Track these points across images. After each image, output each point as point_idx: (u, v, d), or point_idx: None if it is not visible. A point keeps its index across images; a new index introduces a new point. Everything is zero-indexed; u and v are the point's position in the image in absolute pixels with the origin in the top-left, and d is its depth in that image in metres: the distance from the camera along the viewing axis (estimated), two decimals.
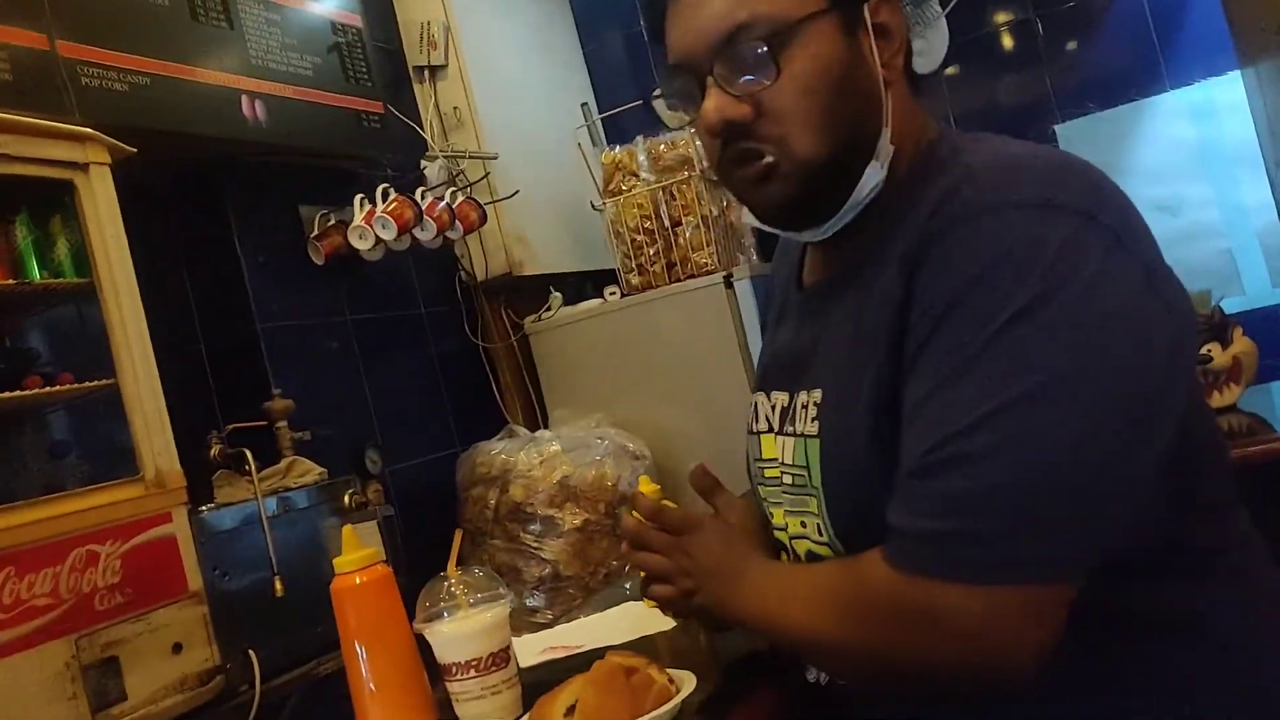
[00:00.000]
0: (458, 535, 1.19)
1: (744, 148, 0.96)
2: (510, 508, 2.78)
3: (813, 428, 0.99)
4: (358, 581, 1.21)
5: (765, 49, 0.91)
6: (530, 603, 2.73)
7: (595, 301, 3.23)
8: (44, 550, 1.66)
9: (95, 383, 1.90)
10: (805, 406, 1.01)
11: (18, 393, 1.80)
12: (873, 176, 0.96)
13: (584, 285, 3.47)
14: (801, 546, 1.05)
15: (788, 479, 1.05)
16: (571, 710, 1.03)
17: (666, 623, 1.33)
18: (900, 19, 0.97)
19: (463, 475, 2.91)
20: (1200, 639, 0.88)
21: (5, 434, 2.03)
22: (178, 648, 1.85)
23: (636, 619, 1.53)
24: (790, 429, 1.04)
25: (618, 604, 1.72)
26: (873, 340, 0.91)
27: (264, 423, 2.37)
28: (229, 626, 1.97)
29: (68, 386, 1.88)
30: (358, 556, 1.22)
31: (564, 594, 2.73)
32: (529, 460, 2.82)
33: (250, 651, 2.00)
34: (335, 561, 1.22)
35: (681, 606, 1.12)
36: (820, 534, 1.00)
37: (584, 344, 3.17)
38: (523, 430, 3.02)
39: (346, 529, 1.23)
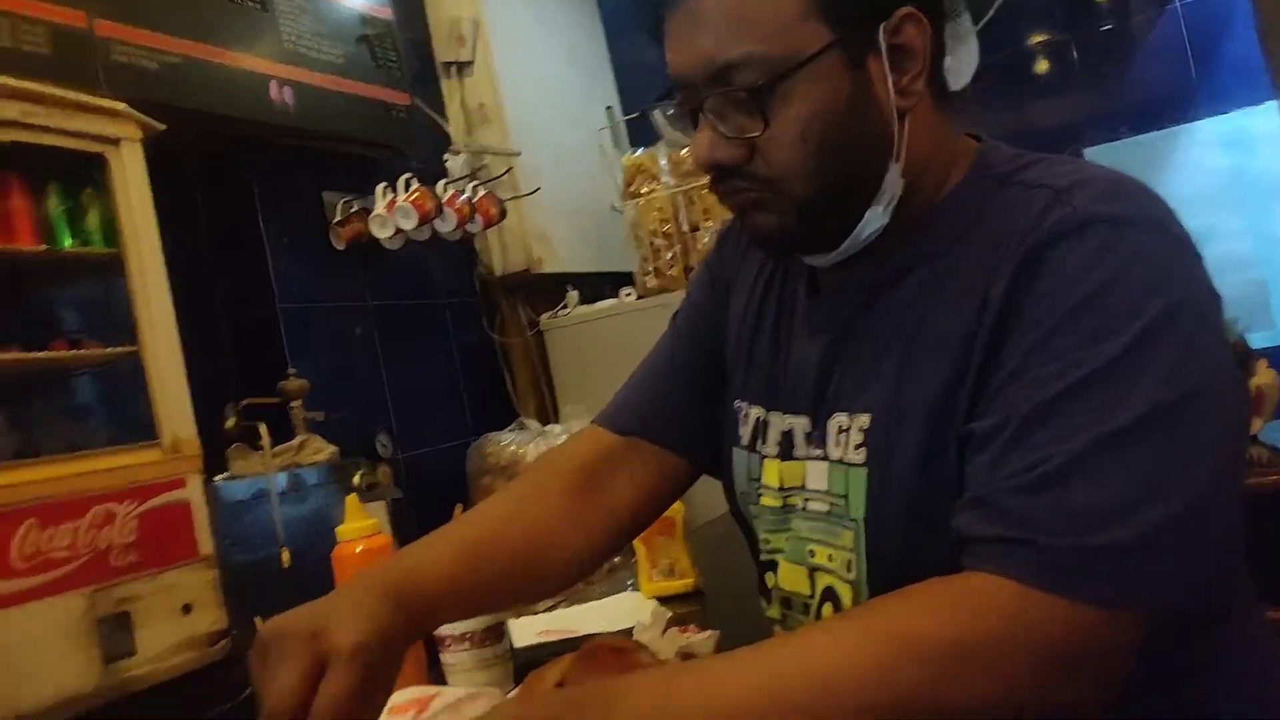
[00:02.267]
0: (458, 510, 1.22)
1: (734, 185, 0.89)
2: None
3: (857, 455, 0.89)
4: (358, 550, 1.25)
5: (756, 94, 0.83)
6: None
7: (611, 301, 3.27)
8: (65, 506, 1.72)
9: (118, 349, 1.96)
10: (845, 431, 0.91)
11: (44, 354, 1.86)
12: (873, 220, 0.90)
13: (601, 285, 3.52)
14: (823, 581, 0.93)
15: (818, 506, 0.94)
16: (561, 685, 1.04)
17: (661, 612, 1.33)
18: (925, 36, 0.87)
19: (473, 464, 2.97)
20: (1214, 673, 0.85)
21: (32, 395, 2.10)
22: (187, 609, 1.91)
23: (633, 607, 1.56)
24: (818, 453, 0.94)
25: (616, 594, 1.75)
26: (940, 357, 0.83)
27: (277, 400, 2.42)
28: (237, 593, 2.03)
29: (91, 351, 1.94)
30: (360, 525, 1.26)
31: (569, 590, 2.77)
32: (538, 452, 2.87)
33: (256, 619, 2.05)
34: (337, 530, 1.27)
35: None
36: (849, 570, 0.90)
37: (598, 343, 3.22)
38: (533, 424, 3.07)
39: (350, 498, 1.28)
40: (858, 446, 0.89)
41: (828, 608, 0.92)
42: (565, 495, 1.04)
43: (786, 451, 0.98)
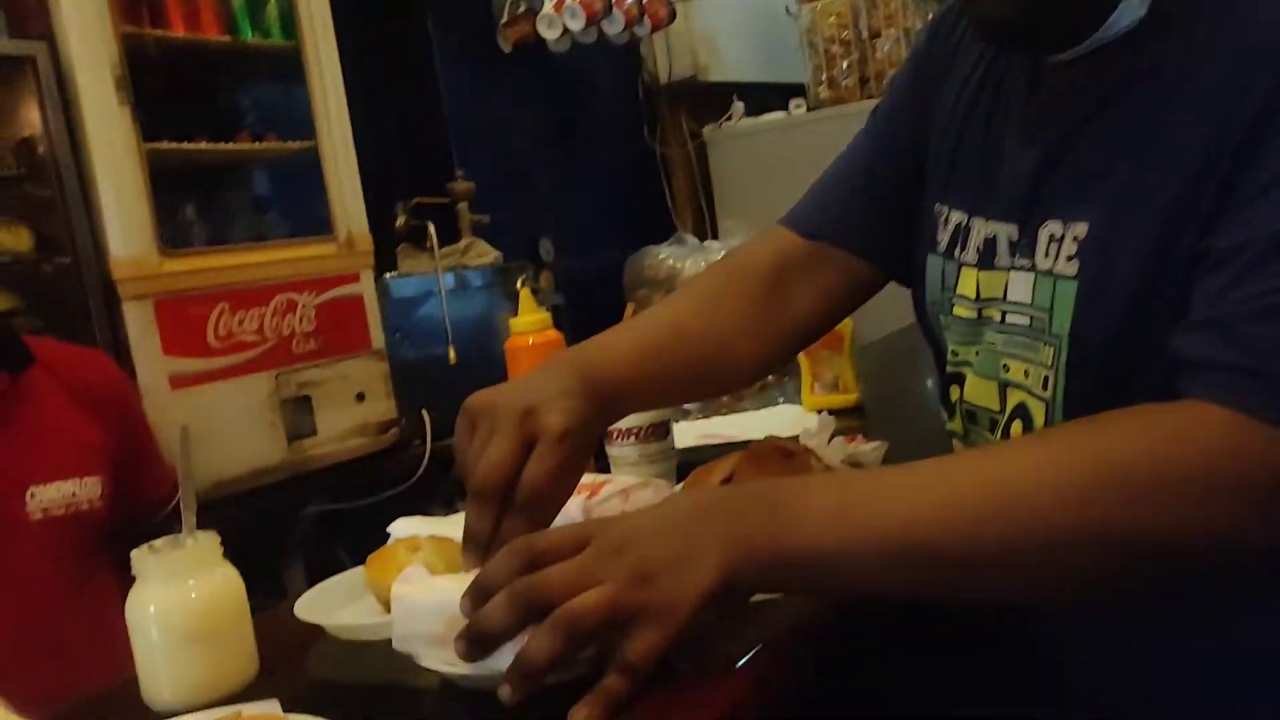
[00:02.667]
0: (630, 308, 1.22)
1: None
2: None
3: (1068, 267, 0.83)
4: (530, 342, 1.27)
5: None
6: (686, 406, 2.81)
7: (779, 114, 3.15)
8: (251, 292, 1.82)
9: (298, 143, 2.01)
10: (1057, 240, 0.85)
11: (230, 145, 1.93)
12: (1128, 12, 0.81)
13: (768, 96, 3.38)
14: (1015, 397, 0.89)
15: (1018, 319, 0.89)
16: (728, 482, 1.03)
17: (828, 420, 1.30)
18: None
19: (630, 276, 2.97)
20: None
21: (217, 187, 2.19)
22: (361, 397, 2.02)
23: (793, 419, 1.55)
24: (1023, 263, 0.88)
25: (774, 405, 1.75)
26: (1174, 169, 0.78)
27: (446, 200, 2.46)
28: (406, 386, 2.13)
29: (273, 145, 2.00)
30: (534, 319, 1.27)
31: (717, 400, 2.79)
32: (695, 267, 2.85)
33: (424, 411, 2.15)
34: (511, 322, 1.28)
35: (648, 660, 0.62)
36: (1045, 388, 0.85)
37: (763, 157, 3.12)
38: (691, 238, 3.04)
39: (524, 291, 1.29)
40: (1070, 258, 0.83)
41: (1017, 425, 0.88)
42: (750, 296, 1.02)
43: (987, 260, 0.92)
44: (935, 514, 0.66)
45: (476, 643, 0.62)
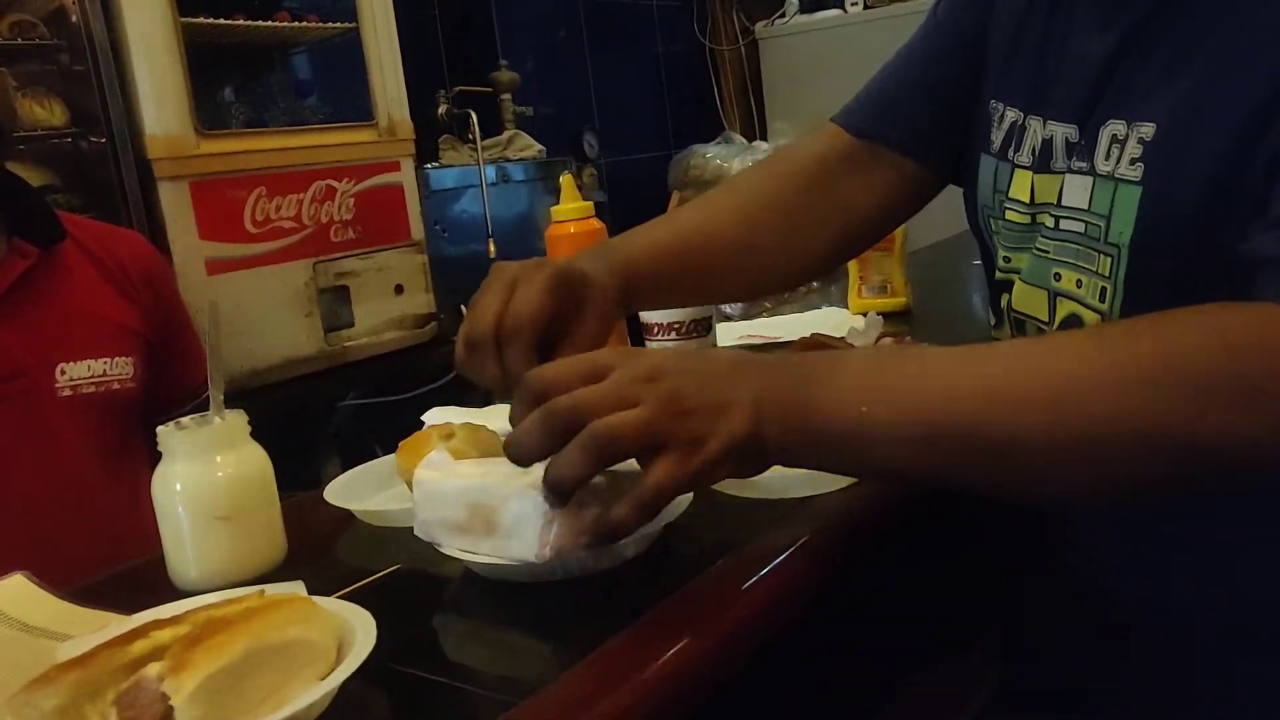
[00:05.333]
0: (675, 198, 1.17)
1: None
2: None
3: (1131, 170, 0.78)
4: (572, 230, 1.23)
5: None
6: (726, 309, 2.77)
7: (835, 12, 3.03)
8: (290, 177, 1.79)
9: (338, 25, 1.95)
10: (1120, 142, 0.80)
11: (268, 23, 1.87)
12: None
13: None
14: (1065, 308, 0.84)
15: (1072, 226, 0.84)
16: None
17: (875, 320, 1.26)
18: None
19: (675, 176, 2.90)
20: None
21: (257, 69, 2.14)
22: (399, 289, 1.99)
23: (837, 321, 1.51)
24: (1081, 166, 0.83)
25: (817, 308, 1.70)
26: (1257, 66, 0.72)
27: (489, 90, 2.39)
28: (445, 279, 2.10)
29: (312, 25, 1.94)
30: (575, 207, 1.23)
31: (758, 304, 2.74)
32: (743, 167, 2.77)
33: (462, 306, 2.12)
34: (553, 209, 1.24)
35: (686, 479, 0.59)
36: (1101, 299, 0.80)
37: (816, 57, 3.01)
38: (739, 138, 2.95)
39: (565, 178, 1.24)
40: (1134, 160, 0.78)
41: None
42: (794, 195, 0.98)
43: (1043, 163, 0.86)
44: (979, 393, 0.61)
45: (519, 463, 0.60)
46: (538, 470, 0.59)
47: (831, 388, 0.61)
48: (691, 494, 0.67)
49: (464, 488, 0.65)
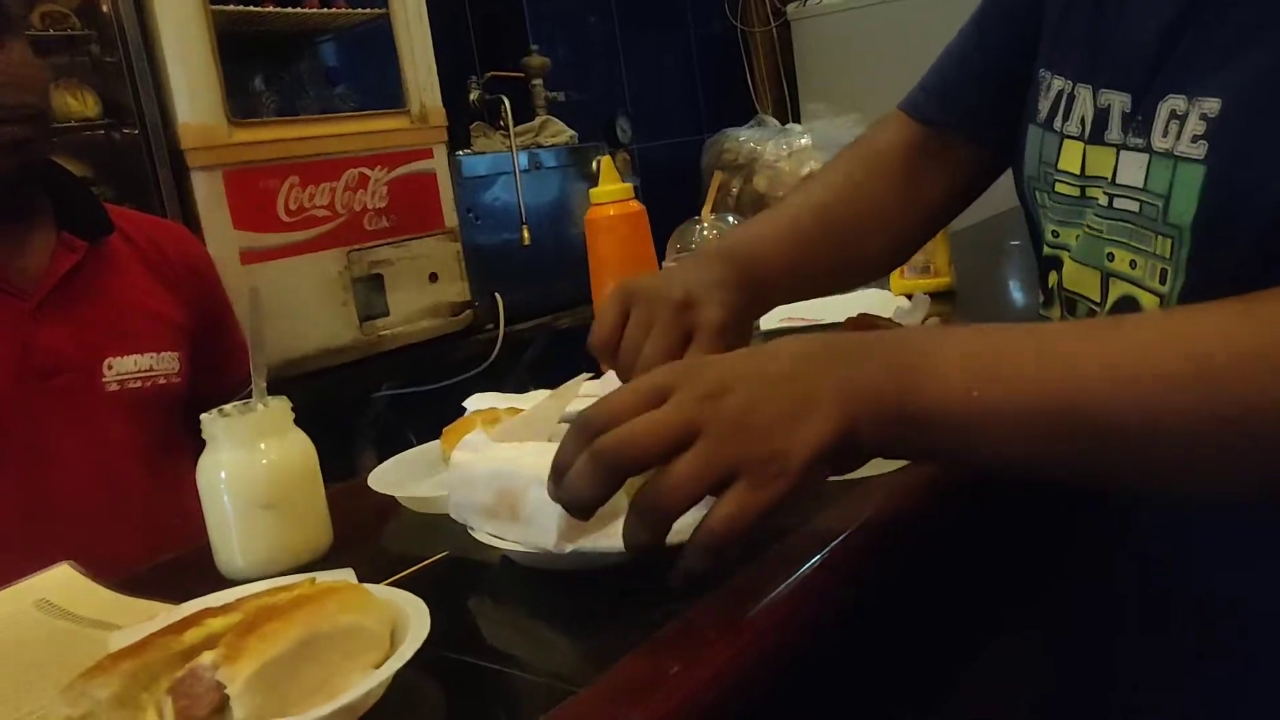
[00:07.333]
0: (717, 177, 1.15)
1: None
2: (753, 198, 2.74)
3: (1195, 149, 0.73)
4: (611, 213, 1.21)
5: None
6: None
7: None
8: (323, 165, 1.78)
9: (369, 10, 1.94)
10: (1180, 117, 0.75)
11: (297, 9, 1.86)
12: None
13: None
14: (1119, 289, 0.79)
15: (1127, 205, 0.79)
16: None
17: (923, 300, 1.23)
18: None
19: (708, 160, 2.87)
20: None
21: (286, 57, 2.13)
22: (433, 277, 1.98)
23: (880, 302, 1.48)
24: (1137, 142, 0.78)
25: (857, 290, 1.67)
26: None
27: (521, 75, 2.38)
28: (479, 267, 2.08)
29: (342, 11, 1.93)
30: (615, 189, 1.21)
31: None
32: (777, 151, 2.74)
33: (496, 294, 2.11)
34: (591, 191, 1.23)
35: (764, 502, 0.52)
36: (1161, 281, 0.75)
37: (850, 37, 2.97)
38: (772, 121, 2.92)
39: (604, 159, 1.23)
40: (1195, 138, 0.73)
41: None
42: (888, 184, 0.99)
43: (1096, 135, 0.82)
44: (1107, 376, 0.55)
45: (576, 514, 0.54)
46: None
47: (932, 370, 0.55)
48: None
49: (494, 471, 0.63)
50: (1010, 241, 1.84)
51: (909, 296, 1.45)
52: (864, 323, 1.02)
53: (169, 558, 0.83)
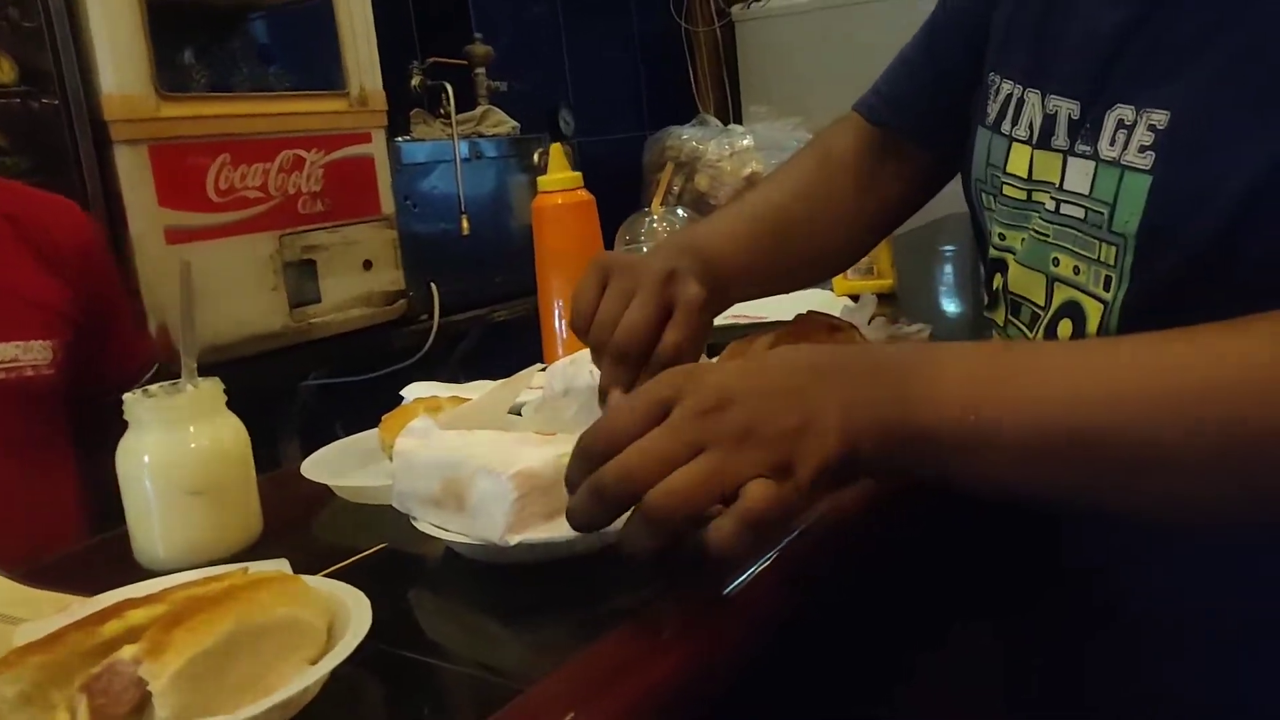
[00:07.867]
0: (669, 168, 1.14)
1: None
2: (694, 196, 2.73)
3: (1141, 159, 0.73)
4: (560, 201, 1.18)
5: None
6: None
7: None
8: (257, 145, 1.72)
9: None
10: (1127, 128, 0.75)
11: None
12: None
13: None
14: (1063, 294, 0.80)
15: (1073, 211, 0.79)
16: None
17: (870, 299, 1.22)
18: None
19: (650, 157, 2.86)
20: None
21: (219, 32, 2.06)
22: (368, 265, 1.93)
23: (823, 301, 1.48)
24: (1084, 150, 0.78)
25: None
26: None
27: (463, 63, 2.33)
28: (415, 256, 2.03)
29: None
30: (564, 177, 1.19)
31: None
32: (719, 151, 2.74)
33: (432, 284, 2.06)
34: (540, 180, 1.20)
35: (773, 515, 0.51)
36: (1105, 288, 0.75)
37: (795, 40, 2.98)
38: (714, 120, 2.92)
39: (555, 146, 1.20)
40: (1143, 149, 0.73)
41: (1065, 325, 0.78)
42: (844, 185, 1.01)
43: (1044, 139, 0.82)
44: (1109, 396, 0.55)
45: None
46: (512, 445, 0.56)
47: (932, 391, 0.55)
48: None
49: (440, 460, 0.60)
50: (945, 247, 1.87)
51: (854, 297, 1.45)
52: (816, 319, 1.01)
53: (78, 547, 0.79)
